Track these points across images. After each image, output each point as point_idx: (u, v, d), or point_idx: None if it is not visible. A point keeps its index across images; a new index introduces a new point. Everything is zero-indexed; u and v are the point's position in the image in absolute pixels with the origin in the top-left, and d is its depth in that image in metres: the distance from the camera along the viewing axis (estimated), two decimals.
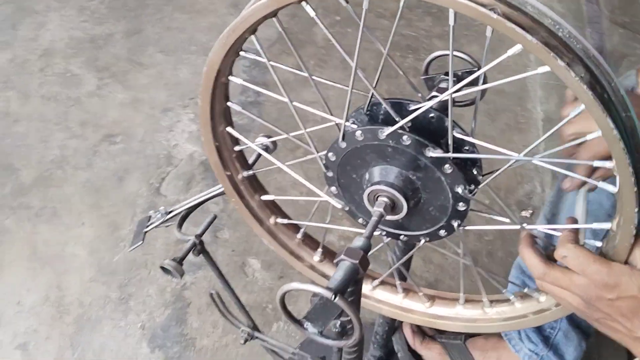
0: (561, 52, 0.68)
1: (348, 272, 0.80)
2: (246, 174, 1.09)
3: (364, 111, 0.91)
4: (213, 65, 0.89)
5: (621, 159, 0.71)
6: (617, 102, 0.71)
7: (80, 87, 2.47)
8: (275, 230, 1.16)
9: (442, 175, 0.85)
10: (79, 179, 2.14)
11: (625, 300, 0.78)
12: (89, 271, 1.89)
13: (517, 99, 2.53)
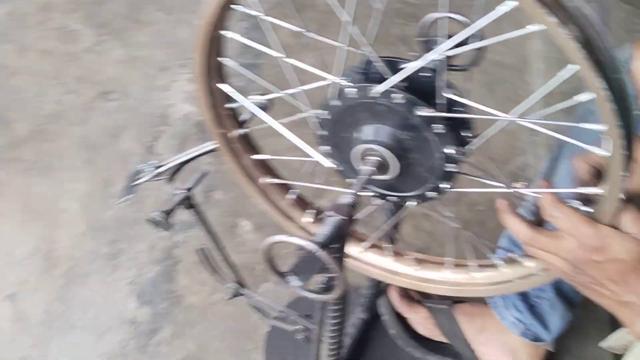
0: (555, 9, 0.67)
1: (335, 226, 0.81)
2: (239, 132, 1.09)
3: (359, 69, 0.90)
4: (206, 18, 0.88)
5: (611, 121, 0.71)
6: (608, 63, 0.71)
7: (78, 42, 2.45)
8: (266, 189, 1.16)
9: (432, 135, 0.85)
10: (73, 134, 2.13)
11: (613, 264, 0.79)
12: (80, 226, 1.90)
13: (517, 71, 2.52)
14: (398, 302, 1.67)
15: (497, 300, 1.61)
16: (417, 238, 1.96)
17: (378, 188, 1.00)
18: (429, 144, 0.87)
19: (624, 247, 0.78)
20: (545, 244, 0.83)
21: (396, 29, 2.62)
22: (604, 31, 0.70)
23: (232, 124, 1.08)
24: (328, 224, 0.81)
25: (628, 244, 0.78)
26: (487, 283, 1.08)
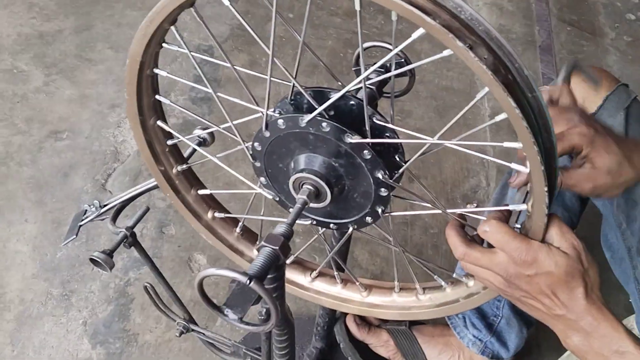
0: (463, 34, 0.69)
1: (268, 257, 0.81)
2: (181, 168, 1.09)
3: (289, 100, 0.91)
4: (135, 57, 0.89)
5: (526, 138, 0.72)
6: (522, 83, 0.73)
7: (27, 83, 2.44)
8: (213, 224, 1.16)
9: (363, 161, 0.87)
10: (23, 175, 2.11)
11: (543, 277, 0.81)
12: (31, 267, 1.87)
13: (466, 95, 2.57)
14: (356, 329, 1.67)
15: (456, 320, 1.63)
16: (372, 264, 1.97)
17: (317, 216, 1.01)
18: (361, 170, 0.88)
19: (552, 260, 0.80)
20: (477, 259, 0.85)
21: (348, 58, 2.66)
22: (514, 52, 0.72)
23: (172, 160, 1.09)
24: (261, 254, 0.82)
25: (557, 257, 0.80)
26: (434, 305, 1.09)
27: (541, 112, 0.75)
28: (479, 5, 2.98)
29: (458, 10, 0.69)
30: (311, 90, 0.88)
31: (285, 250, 0.83)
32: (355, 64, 1.08)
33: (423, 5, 0.68)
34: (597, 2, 3.08)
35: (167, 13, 0.80)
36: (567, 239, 0.82)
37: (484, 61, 0.67)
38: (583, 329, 0.83)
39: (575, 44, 2.85)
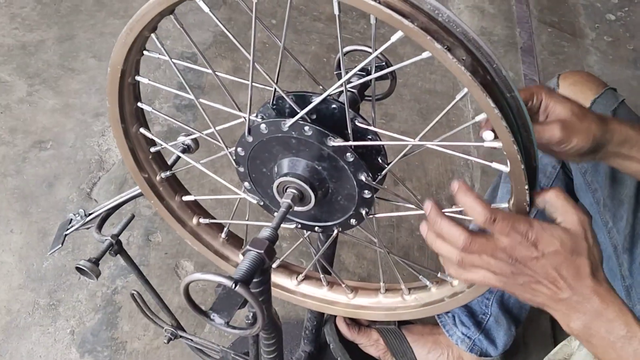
0: (441, 36, 0.70)
1: (253, 261, 0.82)
2: (164, 174, 1.09)
3: (270, 105, 0.92)
4: (116, 65, 0.89)
5: (506, 138, 0.73)
6: (501, 83, 0.74)
7: (11, 93, 2.43)
8: (198, 230, 1.17)
9: (345, 163, 0.88)
10: (7, 185, 2.10)
11: (549, 257, 0.78)
12: (17, 278, 1.86)
13: (449, 97, 2.58)
14: (346, 329, 1.68)
15: (445, 318, 1.64)
16: (359, 266, 1.98)
17: (302, 219, 1.01)
18: (344, 173, 0.89)
19: (558, 238, 0.78)
20: (482, 245, 0.80)
21: (331, 62, 2.67)
22: (492, 53, 0.73)
23: (156, 167, 1.09)
24: (247, 258, 0.82)
25: (562, 235, 0.78)
26: (419, 305, 1.10)
27: (520, 111, 0.77)
28: (460, 9, 3.01)
29: (435, 13, 0.70)
30: (293, 95, 0.89)
31: (271, 254, 0.84)
32: (337, 68, 1.09)
33: (401, 9, 0.69)
34: (577, 3, 3.11)
35: (147, 21, 0.81)
36: (574, 213, 0.79)
37: (462, 62, 0.68)
38: (588, 311, 0.80)
39: (556, 45, 2.88)
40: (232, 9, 2.86)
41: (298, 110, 0.85)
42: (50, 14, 2.77)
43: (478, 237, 0.80)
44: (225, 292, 0.79)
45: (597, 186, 1.33)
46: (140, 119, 1.03)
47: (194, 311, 0.82)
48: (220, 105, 0.94)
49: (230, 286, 0.75)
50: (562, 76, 1.38)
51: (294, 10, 2.86)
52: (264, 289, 0.91)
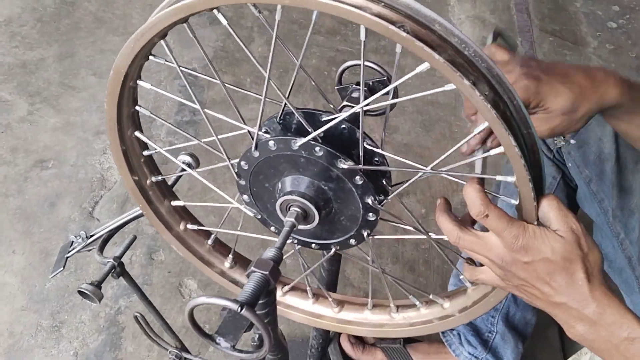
0: (467, 70, 0.70)
1: (258, 283, 0.80)
2: (155, 179, 1.08)
3: (277, 120, 0.91)
4: (119, 69, 0.87)
5: (522, 175, 0.73)
6: (519, 120, 0.73)
7: (11, 112, 2.42)
8: (184, 236, 1.15)
9: (353, 186, 0.86)
10: (9, 206, 2.09)
11: (540, 264, 0.78)
12: (20, 299, 1.85)
13: (451, 109, 2.57)
14: (350, 348, 1.66)
15: (451, 337, 1.62)
16: (364, 282, 1.96)
17: (301, 236, 1.00)
18: (351, 195, 0.88)
19: (549, 246, 0.77)
20: (472, 243, 0.81)
21: (332, 75, 2.66)
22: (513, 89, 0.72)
23: (147, 170, 1.07)
24: (251, 280, 0.81)
25: (553, 243, 0.77)
26: (407, 324, 1.08)
27: (534, 148, 0.76)
28: (461, 19, 3.00)
29: (462, 47, 0.69)
30: (302, 112, 0.88)
31: (276, 275, 0.82)
32: (338, 83, 1.08)
33: (430, 41, 0.68)
34: (578, 11, 3.10)
35: (160, 28, 0.79)
36: (566, 222, 0.78)
37: (485, 97, 0.67)
38: (587, 317, 0.79)
39: (558, 54, 2.86)
40: (233, 23, 2.85)
41: (310, 129, 0.84)
42: (50, 32, 2.76)
43: (467, 235, 0.81)
44: (230, 316, 0.78)
45: (604, 196, 1.31)
46: (136, 122, 1.01)
47: (199, 335, 0.80)
48: (226, 117, 0.92)
49: (236, 310, 0.73)
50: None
51: (294, 24, 2.85)
52: (270, 310, 0.89)
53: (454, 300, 1.02)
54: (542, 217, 0.80)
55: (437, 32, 0.69)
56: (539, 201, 0.79)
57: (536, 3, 3.11)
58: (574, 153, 1.34)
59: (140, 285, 1.50)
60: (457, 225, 0.82)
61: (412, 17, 0.68)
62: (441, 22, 0.69)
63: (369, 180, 0.86)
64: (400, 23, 0.68)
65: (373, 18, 0.66)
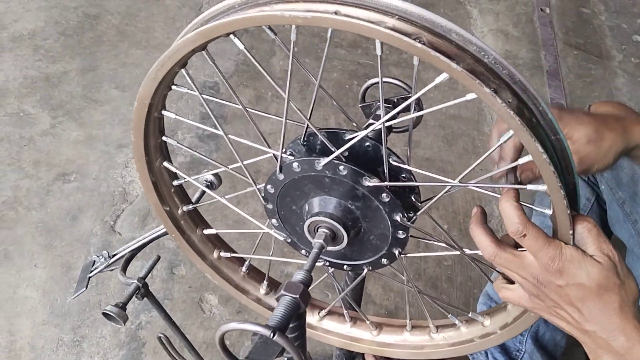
0: (487, 78, 0.68)
1: (289, 307, 0.79)
2: (186, 208, 1.07)
3: (301, 142, 0.90)
4: (143, 100, 0.87)
5: (552, 182, 0.71)
6: (546, 126, 0.71)
7: (34, 126, 2.43)
8: (218, 264, 1.14)
9: (380, 203, 0.85)
10: (31, 219, 2.09)
11: (573, 288, 0.76)
12: (41, 313, 1.84)
13: (474, 123, 2.55)
14: None
15: (478, 355, 1.59)
16: (387, 298, 1.94)
17: (331, 258, 0.98)
18: (378, 213, 0.86)
19: (585, 271, 0.75)
20: (507, 260, 0.79)
21: (354, 89, 2.65)
22: (537, 95, 0.71)
23: (178, 200, 1.07)
24: (281, 304, 0.79)
25: (590, 268, 0.75)
26: (447, 344, 1.06)
27: (564, 153, 0.74)
28: (483, 32, 2.98)
29: (482, 55, 0.67)
30: (325, 132, 0.86)
31: (306, 299, 0.81)
32: (361, 100, 1.06)
33: (447, 51, 0.66)
34: (603, 24, 3.07)
35: (179, 57, 0.79)
36: (603, 248, 0.76)
37: (509, 105, 0.66)
38: (615, 349, 0.77)
39: (582, 68, 2.83)
40: (254, 37, 2.85)
41: (332, 149, 0.82)
42: (73, 45, 2.78)
43: (504, 252, 0.79)
44: (262, 341, 0.76)
45: (637, 217, 1.28)
46: (164, 152, 1.01)
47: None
48: (249, 142, 0.91)
49: (268, 335, 0.72)
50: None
51: (315, 37, 2.85)
52: (299, 334, 0.88)
53: (494, 317, 0.99)
54: (578, 239, 0.77)
55: (455, 41, 0.68)
56: (575, 222, 0.77)
57: (560, 16, 3.08)
58: (606, 175, 1.32)
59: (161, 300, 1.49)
60: (493, 242, 0.80)
61: (428, 28, 0.67)
62: (458, 31, 0.67)
63: (397, 197, 0.84)
64: (416, 35, 0.67)
65: (386, 31, 0.65)
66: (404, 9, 0.68)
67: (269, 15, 0.71)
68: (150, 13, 2.94)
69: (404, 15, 0.67)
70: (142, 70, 2.67)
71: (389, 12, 0.68)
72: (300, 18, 0.68)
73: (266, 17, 0.71)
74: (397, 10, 0.68)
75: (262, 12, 0.72)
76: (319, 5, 0.70)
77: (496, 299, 1.50)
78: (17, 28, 2.82)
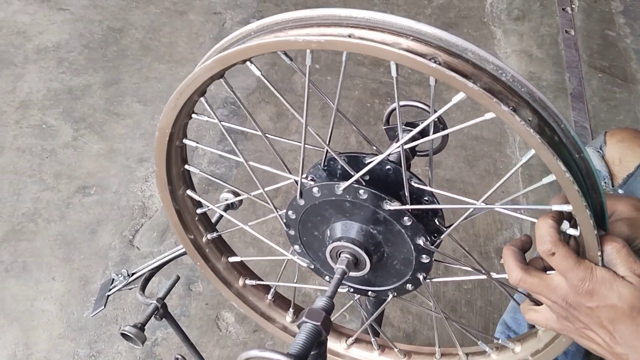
0: (506, 97, 0.67)
1: (310, 335, 0.78)
2: (211, 236, 1.06)
3: (322, 167, 0.89)
4: (164, 130, 0.87)
5: (577, 202, 0.69)
6: (569, 144, 0.69)
7: (56, 138, 2.45)
8: (244, 292, 1.13)
9: (402, 227, 0.83)
10: (50, 232, 2.10)
11: (605, 310, 0.74)
12: (58, 327, 1.84)
13: (496, 144, 2.53)
14: None
15: None
16: (405, 321, 1.91)
17: (355, 283, 0.97)
18: (401, 237, 0.85)
19: (616, 292, 0.73)
20: (534, 285, 0.78)
21: (375, 108, 2.64)
22: (559, 112, 0.69)
23: (202, 228, 1.06)
24: (303, 331, 0.78)
25: (621, 289, 0.73)
26: None
27: (589, 172, 0.72)
28: (507, 53, 2.96)
29: (499, 73, 0.66)
30: (345, 156, 0.85)
31: (327, 326, 0.79)
32: (385, 123, 1.05)
33: (463, 70, 0.65)
34: (628, 47, 3.04)
35: (198, 85, 0.79)
36: (634, 269, 0.74)
37: (529, 123, 0.64)
38: None
39: (607, 91, 2.80)
40: (275, 55, 2.85)
41: (352, 172, 0.81)
42: (97, 59, 2.80)
43: (531, 277, 0.78)
44: None
45: None
46: (187, 180, 1.01)
47: None
48: (270, 168, 0.90)
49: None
50: (609, 133, 1.34)
51: (337, 55, 2.84)
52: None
53: (525, 344, 0.97)
54: (608, 260, 0.75)
55: (471, 60, 0.66)
56: (603, 242, 0.75)
57: (585, 38, 3.05)
58: None
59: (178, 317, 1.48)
60: (519, 266, 0.79)
61: (443, 48, 0.66)
62: (474, 50, 0.66)
63: (419, 220, 0.83)
64: (431, 55, 0.65)
65: (401, 52, 0.65)
66: (419, 29, 0.67)
67: (283, 40, 0.70)
68: (174, 28, 2.96)
69: (418, 36, 0.67)
70: (165, 84, 2.68)
71: (404, 33, 0.67)
72: (314, 42, 0.68)
73: (280, 42, 0.71)
74: (411, 31, 0.67)
75: (276, 38, 0.71)
76: (332, 29, 0.69)
77: (514, 328, 1.47)
78: (42, 40, 2.84)
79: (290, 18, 0.72)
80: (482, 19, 3.14)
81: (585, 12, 3.20)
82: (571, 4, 3.22)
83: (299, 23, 0.72)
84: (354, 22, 0.69)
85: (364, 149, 2.39)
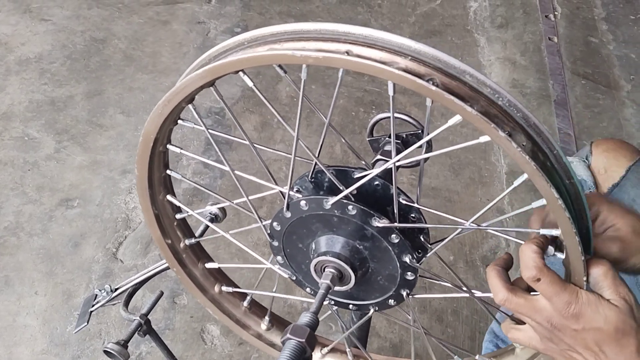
0: (502, 121, 0.66)
1: (294, 351, 0.77)
2: (189, 242, 1.05)
3: (309, 179, 0.88)
4: (149, 135, 0.86)
5: (567, 228, 0.69)
6: (560, 170, 0.69)
7: (39, 150, 2.42)
8: (219, 298, 1.12)
9: (390, 244, 0.83)
10: (33, 245, 2.07)
11: (590, 332, 0.75)
12: (41, 342, 1.82)
13: (481, 152, 2.53)
14: None
15: None
16: (391, 332, 1.90)
17: (338, 297, 0.96)
18: (387, 254, 0.84)
19: (602, 315, 0.74)
20: (519, 305, 0.78)
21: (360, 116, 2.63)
22: (552, 138, 0.69)
23: (180, 234, 1.05)
24: (287, 348, 0.77)
25: (607, 312, 0.74)
26: None
27: (578, 198, 0.72)
28: (490, 60, 2.97)
29: (496, 97, 0.66)
30: (333, 169, 0.85)
31: (312, 343, 0.78)
32: (369, 134, 1.04)
33: (460, 93, 0.65)
34: (611, 54, 3.05)
35: (187, 93, 0.78)
36: (619, 292, 0.75)
37: (523, 148, 0.64)
38: None
39: (590, 98, 2.81)
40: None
41: (341, 187, 0.80)
42: (80, 69, 2.77)
43: (516, 297, 0.78)
44: None
45: None
46: (168, 185, 1.00)
47: None
48: (256, 178, 0.89)
49: None
50: (594, 143, 1.35)
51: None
52: None
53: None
54: (594, 283, 0.76)
55: (468, 83, 0.66)
56: (590, 266, 0.75)
57: (568, 45, 3.07)
58: None
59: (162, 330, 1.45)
60: (505, 286, 0.79)
61: (441, 70, 0.66)
62: (472, 72, 0.66)
63: (406, 237, 0.82)
64: (429, 76, 0.65)
65: (399, 73, 0.64)
66: (417, 49, 0.66)
67: (280, 54, 0.69)
68: (157, 38, 2.94)
69: (416, 56, 0.66)
70: (148, 95, 2.66)
71: (402, 52, 0.66)
72: (312, 58, 0.67)
73: (277, 56, 0.70)
74: (409, 51, 0.66)
75: (272, 52, 0.70)
76: (330, 45, 0.68)
77: (502, 337, 1.47)
78: (24, 51, 2.82)
79: (287, 30, 0.72)
80: (466, 27, 3.14)
81: (567, 19, 3.21)
82: (554, 11, 3.23)
83: (295, 36, 0.71)
84: (352, 39, 0.68)
85: (349, 157, 2.39)
